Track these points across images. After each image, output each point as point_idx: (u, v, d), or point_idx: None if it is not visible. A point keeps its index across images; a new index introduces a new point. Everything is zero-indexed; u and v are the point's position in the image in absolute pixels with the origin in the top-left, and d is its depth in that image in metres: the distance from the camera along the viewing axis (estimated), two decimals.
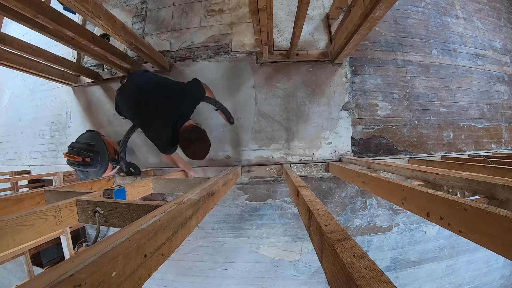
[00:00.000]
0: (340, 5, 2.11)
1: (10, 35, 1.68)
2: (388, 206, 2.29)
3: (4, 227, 0.66)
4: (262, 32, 1.67)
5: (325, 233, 0.57)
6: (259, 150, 2.20)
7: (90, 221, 0.86)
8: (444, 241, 2.41)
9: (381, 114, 2.25)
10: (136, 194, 1.26)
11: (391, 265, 2.38)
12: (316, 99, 2.21)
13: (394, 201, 0.95)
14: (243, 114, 2.21)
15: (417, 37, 2.42)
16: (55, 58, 2.06)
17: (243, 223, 2.29)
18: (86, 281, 0.35)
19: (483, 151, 2.45)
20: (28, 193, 1.07)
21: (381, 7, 1.25)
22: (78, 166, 1.80)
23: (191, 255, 2.38)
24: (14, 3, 1.16)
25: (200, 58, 2.29)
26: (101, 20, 1.39)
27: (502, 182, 0.73)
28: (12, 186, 2.58)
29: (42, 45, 1.95)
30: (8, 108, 3.03)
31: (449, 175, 0.93)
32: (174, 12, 2.41)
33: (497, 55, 2.68)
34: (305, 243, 2.30)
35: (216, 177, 1.41)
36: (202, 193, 0.96)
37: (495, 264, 2.69)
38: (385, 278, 0.38)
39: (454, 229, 0.65)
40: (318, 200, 0.87)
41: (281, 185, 2.23)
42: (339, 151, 2.20)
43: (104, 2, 2.57)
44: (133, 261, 0.47)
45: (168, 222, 0.63)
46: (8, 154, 2.93)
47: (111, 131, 2.37)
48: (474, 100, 2.49)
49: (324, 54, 2.21)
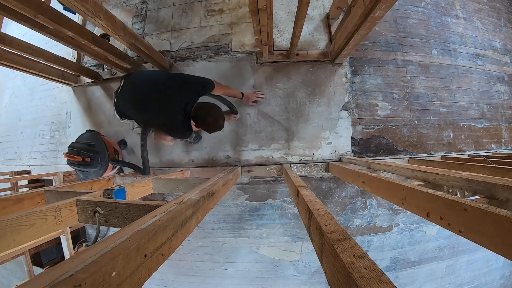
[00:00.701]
0: (340, 5, 2.11)
1: (10, 35, 1.68)
2: (388, 206, 2.29)
3: (4, 227, 0.66)
4: (262, 32, 1.67)
5: (325, 233, 0.57)
6: (259, 150, 2.20)
7: (90, 221, 0.86)
8: (444, 241, 2.41)
9: (381, 114, 2.25)
10: (136, 194, 1.26)
11: (391, 265, 2.38)
12: (316, 99, 2.21)
13: (394, 201, 0.95)
14: (243, 114, 2.21)
15: (417, 37, 2.42)
16: (55, 58, 2.06)
17: (243, 223, 2.29)
18: (86, 281, 0.35)
19: (483, 151, 2.45)
20: (28, 193, 1.07)
21: (381, 7, 1.25)
22: (78, 166, 1.80)
23: (191, 255, 2.38)
24: (14, 3, 1.16)
25: (200, 58, 2.29)
26: (101, 20, 1.39)
27: (502, 182, 0.73)
28: (12, 186, 2.59)
29: (42, 45, 1.95)
30: (8, 108, 3.03)
31: (449, 175, 0.93)
32: (174, 12, 2.41)
33: (497, 55, 2.68)
34: (305, 243, 2.30)
35: (216, 177, 1.41)
36: (202, 193, 0.96)
37: (495, 264, 2.69)
38: (385, 278, 0.38)
39: (454, 229, 0.65)
40: (318, 200, 0.87)
41: (281, 185, 2.23)
42: (339, 151, 2.20)
43: (104, 2, 2.58)
44: (133, 261, 0.47)
45: (168, 222, 0.63)
46: (8, 154, 2.93)
47: (111, 131, 2.37)
48: (474, 100, 2.49)
49: (324, 54, 2.21)
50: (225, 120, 1.69)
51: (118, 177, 1.81)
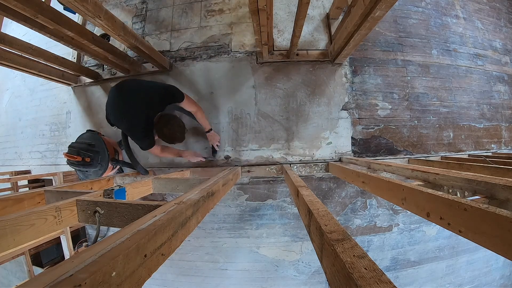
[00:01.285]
0: (340, 5, 2.11)
1: (10, 35, 1.68)
2: (388, 206, 2.29)
3: (4, 227, 0.66)
4: (262, 32, 1.67)
5: (325, 233, 0.57)
6: (259, 150, 2.20)
7: (90, 221, 0.86)
8: (444, 241, 2.41)
9: (381, 114, 2.25)
10: (136, 194, 1.26)
11: (391, 265, 2.38)
12: (316, 99, 2.21)
13: (394, 201, 0.95)
14: (243, 114, 2.21)
15: (417, 37, 2.42)
16: (55, 58, 2.06)
17: (243, 223, 2.29)
18: (86, 281, 0.35)
19: (483, 151, 2.45)
20: (28, 193, 1.07)
21: (381, 7, 1.25)
22: (78, 166, 1.80)
23: (191, 255, 2.37)
24: (14, 3, 1.16)
25: (200, 58, 2.29)
26: (101, 20, 1.39)
27: (502, 182, 0.73)
28: (12, 186, 2.58)
29: (42, 45, 1.94)
30: (8, 108, 3.03)
31: (449, 175, 0.93)
32: (174, 12, 2.41)
33: (497, 55, 2.68)
34: (305, 243, 2.30)
35: (216, 177, 1.41)
36: (202, 193, 0.96)
37: (495, 264, 2.69)
38: (385, 278, 0.38)
39: (454, 229, 0.65)
40: (318, 200, 0.87)
41: (281, 185, 2.23)
42: (339, 151, 2.20)
43: (104, 2, 2.58)
44: (133, 261, 0.47)
45: (168, 222, 0.63)
46: (8, 154, 2.93)
47: (111, 131, 2.37)
48: (474, 100, 2.49)
49: (324, 54, 2.21)
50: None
51: (118, 177, 1.81)
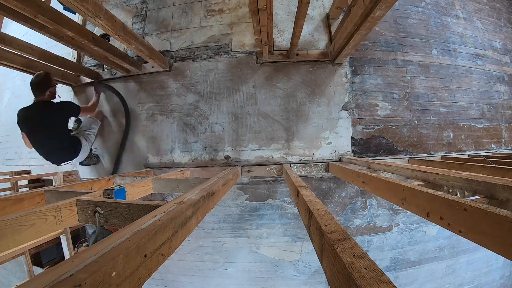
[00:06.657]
0: (340, 5, 2.11)
1: (10, 35, 1.69)
2: (388, 206, 2.28)
3: (4, 227, 0.66)
4: (262, 32, 1.67)
5: (325, 233, 0.57)
6: (259, 150, 2.20)
7: (90, 221, 0.86)
8: (444, 241, 2.41)
9: (381, 114, 2.25)
10: (136, 194, 1.26)
11: (391, 265, 2.38)
12: (316, 99, 2.21)
13: (394, 201, 0.95)
14: (243, 114, 2.21)
15: (417, 37, 2.42)
16: (55, 58, 2.06)
17: (243, 223, 2.29)
18: (86, 281, 0.35)
19: (483, 151, 2.45)
20: (28, 193, 1.07)
21: (381, 7, 1.25)
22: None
23: (191, 255, 2.37)
24: (14, 3, 1.16)
25: (200, 58, 2.29)
26: (101, 20, 1.39)
27: (502, 182, 0.73)
28: (12, 186, 2.58)
29: (42, 45, 1.95)
30: (8, 108, 3.02)
31: (449, 175, 0.93)
32: (174, 12, 2.41)
33: (497, 55, 2.68)
34: (305, 243, 2.30)
35: (216, 177, 1.41)
36: (202, 193, 0.96)
37: (495, 264, 2.69)
38: (385, 278, 0.38)
39: (454, 229, 0.65)
40: (318, 200, 0.87)
41: (281, 185, 2.23)
42: (339, 151, 2.20)
43: (104, 2, 2.57)
44: (133, 261, 0.47)
45: (168, 222, 0.63)
46: (8, 154, 2.93)
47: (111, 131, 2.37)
48: (474, 100, 2.49)
49: (324, 54, 2.21)
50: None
51: (118, 177, 1.80)
